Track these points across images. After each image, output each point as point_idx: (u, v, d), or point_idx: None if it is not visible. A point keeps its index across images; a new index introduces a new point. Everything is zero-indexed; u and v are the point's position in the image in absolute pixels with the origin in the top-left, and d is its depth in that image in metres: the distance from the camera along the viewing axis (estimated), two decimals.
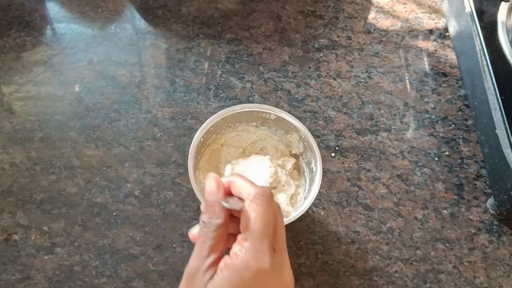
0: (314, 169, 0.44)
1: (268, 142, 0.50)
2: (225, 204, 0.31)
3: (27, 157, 0.53)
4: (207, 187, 0.33)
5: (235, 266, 0.30)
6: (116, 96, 0.59)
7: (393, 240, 0.50)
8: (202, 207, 0.32)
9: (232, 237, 0.32)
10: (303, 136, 0.45)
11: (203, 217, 0.32)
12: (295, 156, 0.49)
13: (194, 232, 0.33)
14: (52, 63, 0.61)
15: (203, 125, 0.45)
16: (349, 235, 0.50)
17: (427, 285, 0.47)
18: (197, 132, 0.44)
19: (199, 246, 0.31)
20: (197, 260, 0.31)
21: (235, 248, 0.30)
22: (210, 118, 0.45)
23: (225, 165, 0.47)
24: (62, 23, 0.66)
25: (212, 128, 0.46)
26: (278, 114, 0.46)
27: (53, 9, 0.67)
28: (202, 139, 0.45)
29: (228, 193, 0.33)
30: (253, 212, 0.30)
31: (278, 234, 0.31)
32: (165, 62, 0.62)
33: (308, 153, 0.46)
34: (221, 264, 0.30)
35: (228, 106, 0.58)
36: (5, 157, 0.53)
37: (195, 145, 0.43)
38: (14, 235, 0.48)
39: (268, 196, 0.31)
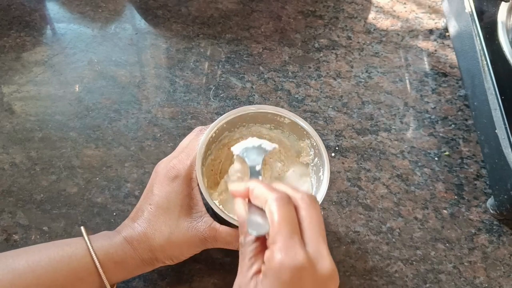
0: (321, 178, 0.44)
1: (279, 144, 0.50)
2: (253, 233, 0.32)
3: (27, 157, 0.53)
4: (237, 211, 0.35)
5: (271, 269, 0.30)
6: (116, 96, 0.59)
7: (393, 240, 0.50)
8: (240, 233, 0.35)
9: None
10: (314, 144, 0.45)
11: (240, 240, 0.34)
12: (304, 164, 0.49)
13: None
14: (52, 63, 0.61)
15: (216, 121, 0.44)
16: (349, 235, 0.50)
17: (427, 285, 0.47)
18: (208, 129, 0.43)
19: (241, 264, 0.33)
20: (240, 276, 0.32)
21: (267, 254, 0.31)
22: (224, 115, 0.44)
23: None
24: (62, 23, 0.66)
25: (225, 125, 0.45)
26: (293, 119, 0.45)
27: (53, 9, 0.67)
28: (214, 135, 0.44)
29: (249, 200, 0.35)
30: (274, 215, 0.31)
31: (308, 227, 0.32)
32: (165, 62, 0.62)
33: (317, 161, 0.45)
34: (261, 274, 0.31)
35: (228, 106, 0.59)
36: (5, 157, 0.53)
37: (205, 140, 0.43)
38: (14, 235, 0.48)
39: (284, 196, 0.32)
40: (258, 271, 0.31)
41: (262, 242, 0.32)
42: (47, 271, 0.37)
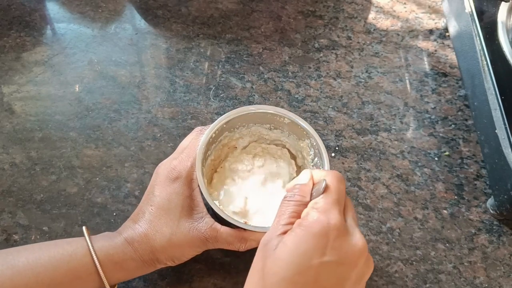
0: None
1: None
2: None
3: (27, 157, 0.53)
4: (303, 175, 0.36)
5: (305, 223, 0.31)
6: (116, 96, 0.59)
7: (393, 240, 0.50)
8: (290, 187, 0.36)
9: None
10: (314, 143, 0.45)
11: (287, 195, 0.35)
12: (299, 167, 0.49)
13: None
14: (52, 63, 0.61)
15: (216, 121, 0.44)
16: None
17: (427, 285, 0.47)
18: (208, 129, 0.43)
19: (276, 220, 0.34)
20: (272, 230, 0.33)
21: (305, 211, 0.33)
22: (224, 115, 0.44)
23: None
24: (62, 23, 0.66)
25: (225, 125, 0.45)
26: (292, 119, 0.46)
27: (53, 9, 0.67)
28: (214, 135, 0.44)
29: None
30: (328, 183, 0.33)
31: (350, 211, 0.34)
32: (165, 62, 0.62)
33: (317, 161, 0.45)
34: (294, 226, 0.32)
35: (228, 106, 0.59)
36: (5, 157, 0.53)
37: (205, 141, 0.43)
38: (14, 235, 0.48)
39: (340, 175, 0.35)
40: (289, 229, 0.32)
41: (302, 209, 0.34)
42: (47, 269, 0.37)
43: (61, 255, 0.38)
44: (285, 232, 0.32)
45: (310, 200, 0.34)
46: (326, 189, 0.33)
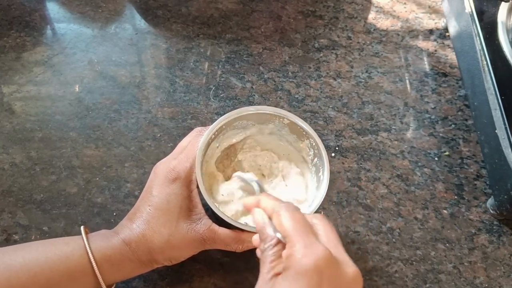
0: (321, 178, 0.44)
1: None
2: (278, 235, 0.32)
3: (27, 157, 0.53)
4: (257, 219, 0.35)
5: (292, 263, 0.30)
6: (116, 96, 0.59)
7: (393, 240, 0.50)
8: (256, 243, 0.36)
9: None
10: (314, 144, 0.45)
11: (260, 246, 0.34)
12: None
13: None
14: (52, 63, 0.61)
15: (215, 122, 0.44)
16: (349, 235, 0.50)
17: (427, 285, 0.47)
18: (208, 130, 0.43)
19: (262, 268, 0.32)
20: (260, 279, 0.32)
21: (286, 252, 0.31)
22: (223, 116, 0.44)
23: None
24: (62, 23, 0.66)
25: (224, 126, 0.45)
26: (292, 119, 0.45)
27: (53, 9, 0.67)
28: (213, 136, 0.44)
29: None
30: (289, 220, 0.32)
31: (324, 235, 0.33)
32: (165, 62, 0.62)
33: (317, 161, 0.45)
34: (282, 270, 0.31)
35: (228, 106, 0.59)
36: (5, 157, 0.53)
37: (204, 142, 0.43)
38: (14, 235, 0.48)
39: (292, 205, 0.34)
40: (278, 273, 0.31)
41: (282, 247, 0.32)
42: (43, 270, 0.37)
43: (58, 256, 0.38)
44: (274, 276, 0.31)
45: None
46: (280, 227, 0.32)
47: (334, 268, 0.30)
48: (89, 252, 0.38)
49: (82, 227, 0.40)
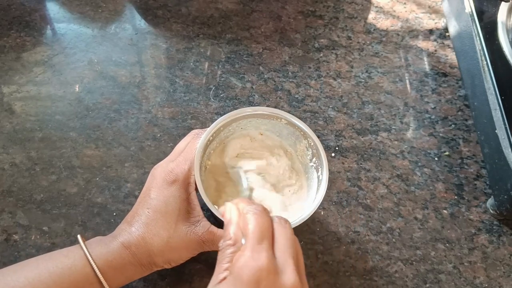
0: (320, 178, 0.44)
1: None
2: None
3: (27, 157, 0.53)
4: (226, 214, 0.35)
5: (235, 267, 0.31)
6: (116, 96, 0.59)
7: (393, 240, 0.50)
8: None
9: None
10: (312, 144, 0.45)
11: (219, 243, 0.34)
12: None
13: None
14: (52, 63, 0.61)
15: (213, 124, 0.44)
16: (349, 235, 0.50)
17: (427, 285, 0.47)
18: (206, 132, 0.43)
19: (216, 268, 0.33)
20: (212, 281, 0.32)
21: (235, 256, 0.32)
22: (220, 118, 0.44)
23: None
24: (62, 23, 0.66)
25: (222, 128, 0.45)
26: (289, 120, 0.45)
27: (53, 9, 0.67)
28: (211, 138, 0.44)
29: None
30: (250, 223, 0.32)
31: (280, 242, 0.33)
32: (165, 62, 0.62)
33: (316, 161, 0.45)
34: (227, 273, 0.31)
35: (228, 106, 0.59)
36: (5, 157, 0.53)
37: (202, 144, 0.43)
38: (14, 235, 0.48)
39: (262, 209, 0.34)
40: (224, 279, 0.31)
41: (239, 249, 0.33)
42: (49, 286, 0.36)
43: (60, 270, 0.37)
44: (223, 280, 0.31)
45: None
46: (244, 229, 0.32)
47: (272, 278, 0.30)
48: (92, 262, 0.38)
49: (79, 236, 0.40)
